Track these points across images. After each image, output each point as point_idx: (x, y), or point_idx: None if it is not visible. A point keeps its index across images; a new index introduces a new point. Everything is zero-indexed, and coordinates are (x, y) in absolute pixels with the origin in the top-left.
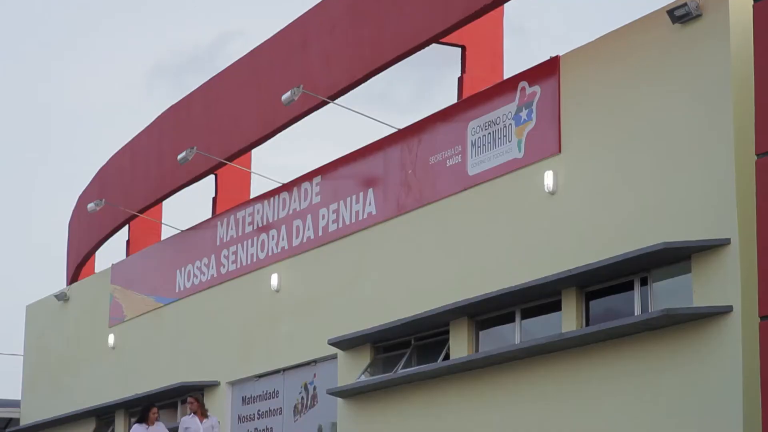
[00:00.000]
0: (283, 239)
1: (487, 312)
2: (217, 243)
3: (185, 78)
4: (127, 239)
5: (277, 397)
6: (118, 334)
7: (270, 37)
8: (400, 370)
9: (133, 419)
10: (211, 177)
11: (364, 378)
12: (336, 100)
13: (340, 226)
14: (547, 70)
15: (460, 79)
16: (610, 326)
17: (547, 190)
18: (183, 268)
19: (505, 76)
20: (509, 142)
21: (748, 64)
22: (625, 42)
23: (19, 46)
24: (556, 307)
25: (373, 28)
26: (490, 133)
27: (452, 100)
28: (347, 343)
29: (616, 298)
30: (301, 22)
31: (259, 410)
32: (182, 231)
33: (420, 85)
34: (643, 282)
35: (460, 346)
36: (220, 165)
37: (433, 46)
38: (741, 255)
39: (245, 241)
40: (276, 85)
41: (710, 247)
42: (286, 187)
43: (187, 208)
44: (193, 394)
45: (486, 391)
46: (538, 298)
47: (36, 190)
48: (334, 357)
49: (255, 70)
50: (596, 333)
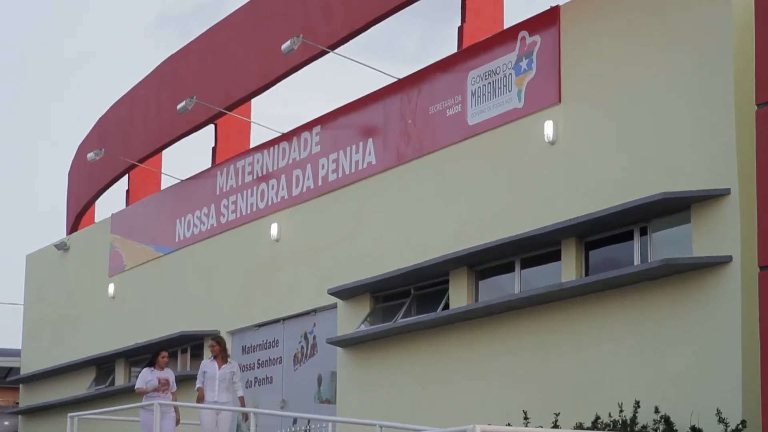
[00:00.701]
0: (283, 189)
1: (487, 262)
2: (217, 192)
3: (190, 26)
4: (127, 189)
5: (277, 347)
6: (118, 283)
7: None
8: (400, 320)
9: (134, 368)
10: (211, 127)
11: (363, 327)
12: (336, 50)
13: (340, 175)
14: (547, 20)
15: (460, 29)
16: (610, 276)
17: (547, 140)
18: (183, 218)
19: (506, 26)
20: (509, 91)
21: (748, 15)
22: None
23: None
24: (556, 256)
25: None
26: (490, 83)
27: (453, 50)
28: (347, 293)
29: (616, 248)
30: None
31: (259, 359)
32: (182, 180)
33: (426, 35)
34: (643, 232)
35: (459, 296)
36: (220, 114)
37: None
38: (741, 205)
39: (245, 191)
40: (276, 35)
41: (710, 197)
42: (286, 137)
43: (187, 157)
44: (215, 338)
45: (485, 341)
46: (538, 248)
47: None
48: (334, 306)
49: (255, 19)
50: (596, 283)
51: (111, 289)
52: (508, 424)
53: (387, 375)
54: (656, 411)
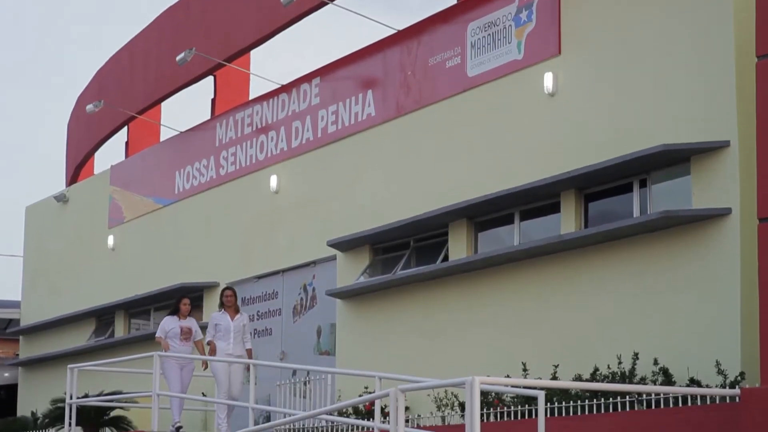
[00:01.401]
0: (283, 141)
1: (486, 214)
2: (216, 144)
3: None
4: (126, 140)
5: (277, 298)
6: (118, 235)
7: None
8: (399, 272)
9: (133, 320)
10: (210, 78)
11: (363, 279)
12: (335, 1)
13: (340, 127)
14: None
15: None
16: (609, 228)
17: (546, 92)
18: (182, 170)
19: None
20: (509, 43)
21: None
22: None
23: None
24: (555, 208)
25: None
26: (489, 35)
27: (453, 1)
28: (346, 245)
29: (615, 200)
30: None
31: (259, 311)
32: (181, 132)
33: None
34: (642, 184)
35: (458, 248)
36: (219, 66)
37: None
38: (740, 157)
39: (244, 143)
40: None
41: (710, 149)
42: (286, 89)
43: (186, 109)
44: (230, 286)
45: (484, 293)
46: (537, 200)
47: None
48: (334, 258)
49: None
50: (595, 235)
51: (110, 240)
52: (507, 376)
53: (386, 327)
54: (655, 363)
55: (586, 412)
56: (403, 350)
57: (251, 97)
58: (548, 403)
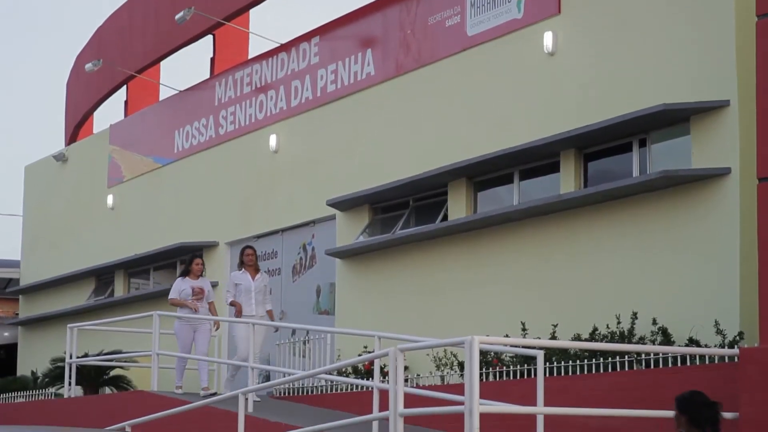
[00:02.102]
0: (282, 100)
1: (486, 173)
2: (216, 104)
3: None
4: (125, 100)
5: (276, 258)
6: (117, 194)
7: None
8: (399, 231)
9: (132, 279)
10: (209, 37)
11: (362, 238)
12: None
13: (339, 86)
14: None
15: None
16: (609, 188)
17: (546, 51)
18: (181, 129)
19: None
20: (508, 2)
21: None
22: None
23: None
24: (555, 168)
25: None
26: None
27: None
28: (346, 204)
29: (615, 160)
30: None
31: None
32: (180, 91)
33: None
34: (642, 144)
35: (458, 207)
36: (218, 25)
37: None
38: (740, 117)
39: (244, 102)
40: None
41: (709, 109)
42: (285, 48)
43: (185, 68)
44: (251, 245)
45: (483, 252)
46: (537, 160)
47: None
48: (333, 218)
49: None
50: (594, 194)
51: (110, 200)
52: (506, 335)
53: (385, 286)
54: (654, 322)
55: (585, 372)
56: (403, 310)
57: (250, 57)
58: (547, 363)
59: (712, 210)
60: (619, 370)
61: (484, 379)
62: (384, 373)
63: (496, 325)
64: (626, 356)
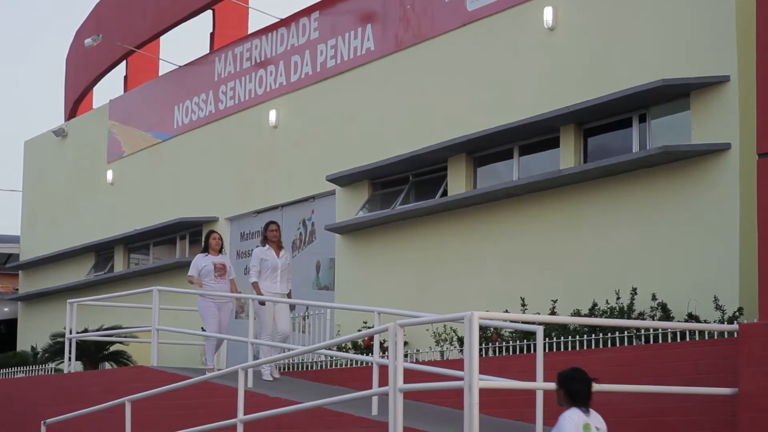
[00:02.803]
0: (282, 75)
1: (485, 148)
2: (215, 79)
3: None
4: (125, 75)
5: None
6: (117, 170)
7: None
8: (398, 207)
9: (132, 255)
10: (209, 12)
11: (362, 214)
12: None
13: (339, 62)
14: None
15: None
16: (608, 163)
17: (546, 26)
18: (181, 104)
19: None
20: None
21: None
22: None
23: None
24: (554, 143)
25: None
26: None
27: None
28: (345, 179)
29: (614, 135)
30: None
31: (258, 246)
32: (180, 67)
33: None
34: (642, 119)
35: (457, 183)
36: (218, 0)
37: None
38: (740, 92)
39: (243, 77)
40: None
41: (709, 84)
42: (285, 23)
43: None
44: (275, 220)
45: (483, 227)
46: (537, 135)
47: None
48: (333, 193)
49: None
50: (594, 170)
51: (109, 175)
52: (506, 311)
53: (385, 262)
54: (653, 298)
55: (585, 347)
56: (402, 285)
57: (250, 32)
58: (546, 338)
59: (712, 185)
60: (618, 345)
61: (484, 355)
62: (384, 349)
63: (495, 301)
64: (626, 332)
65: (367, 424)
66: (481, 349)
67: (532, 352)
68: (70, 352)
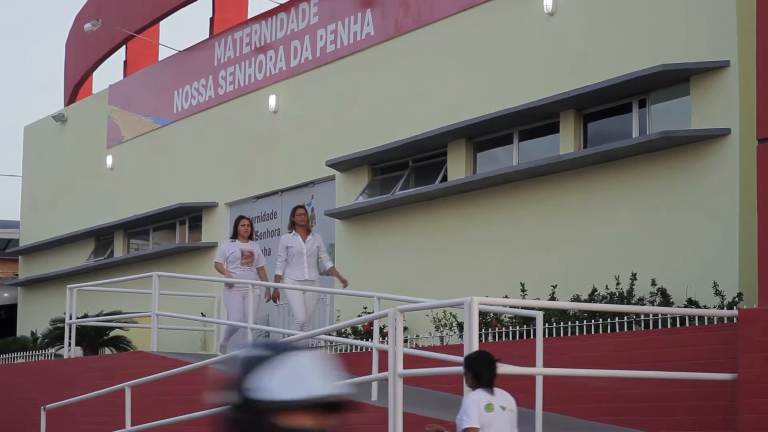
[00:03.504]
0: (281, 60)
1: (485, 134)
2: (215, 64)
3: None
4: (125, 60)
5: (275, 218)
6: (116, 155)
7: None
8: (398, 192)
9: (132, 240)
10: None
11: (361, 199)
12: None
13: (338, 47)
14: None
15: None
16: (608, 148)
17: (546, 11)
18: (181, 89)
19: None
20: None
21: None
22: None
23: None
24: (554, 129)
25: None
26: None
27: None
28: (345, 165)
29: (614, 121)
30: None
31: (258, 231)
32: (180, 52)
33: None
34: (642, 104)
35: (457, 168)
36: None
37: None
38: (740, 77)
39: (243, 62)
40: None
41: (709, 69)
42: (284, 8)
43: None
44: (301, 205)
45: (483, 213)
46: (536, 120)
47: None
48: (332, 178)
49: None
50: (594, 155)
51: (109, 160)
52: (506, 296)
53: (385, 247)
54: (653, 283)
55: (584, 333)
56: (402, 271)
57: (250, 17)
58: (546, 324)
59: (712, 171)
60: (618, 331)
61: (484, 340)
62: (383, 334)
63: (495, 286)
64: (625, 317)
65: (367, 409)
66: (480, 335)
67: (532, 337)
68: (70, 338)
